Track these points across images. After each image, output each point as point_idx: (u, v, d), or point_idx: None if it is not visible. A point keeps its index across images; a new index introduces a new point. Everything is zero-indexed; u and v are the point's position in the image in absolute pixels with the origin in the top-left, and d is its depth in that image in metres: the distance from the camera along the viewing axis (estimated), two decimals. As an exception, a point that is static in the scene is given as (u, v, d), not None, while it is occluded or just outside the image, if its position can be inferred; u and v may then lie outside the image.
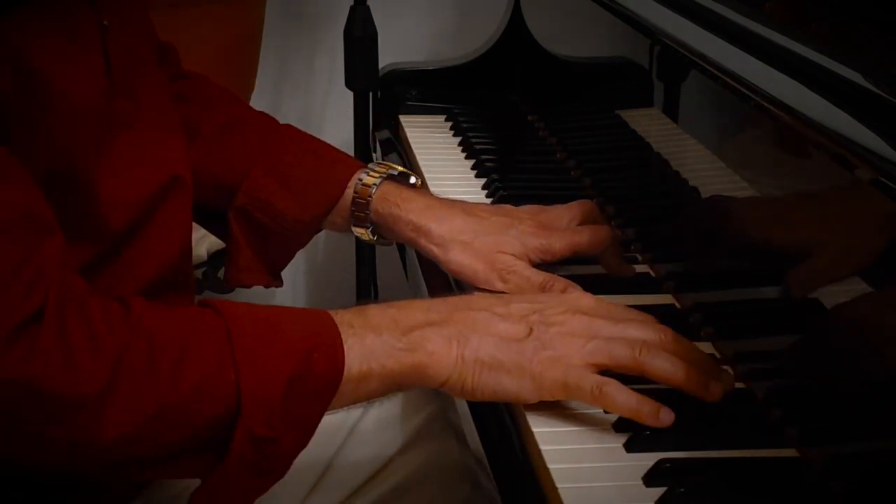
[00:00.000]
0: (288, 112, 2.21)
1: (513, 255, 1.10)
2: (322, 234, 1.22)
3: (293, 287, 2.34)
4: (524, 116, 1.64)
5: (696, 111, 1.15)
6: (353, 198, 1.17)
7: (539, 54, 1.62)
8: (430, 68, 1.72)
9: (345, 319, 0.90)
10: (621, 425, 0.90)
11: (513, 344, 0.91)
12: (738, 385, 0.96)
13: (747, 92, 0.94)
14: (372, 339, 0.89)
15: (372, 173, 1.18)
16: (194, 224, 1.12)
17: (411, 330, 0.90)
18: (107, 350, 0.82)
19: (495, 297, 0.96)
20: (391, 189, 1.16)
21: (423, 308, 0.93)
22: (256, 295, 2.29)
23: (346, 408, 0.92)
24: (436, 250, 1.12)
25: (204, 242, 1.77)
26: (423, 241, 1.13)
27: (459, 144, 1.55)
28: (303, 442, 0.88)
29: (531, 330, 0.92)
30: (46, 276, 0.82)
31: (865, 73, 0.84)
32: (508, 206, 1.19)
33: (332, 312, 0.90)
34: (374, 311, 0.91)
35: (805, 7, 1.04)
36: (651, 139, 1.24)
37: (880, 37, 0.92)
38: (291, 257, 1.23)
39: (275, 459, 0.87)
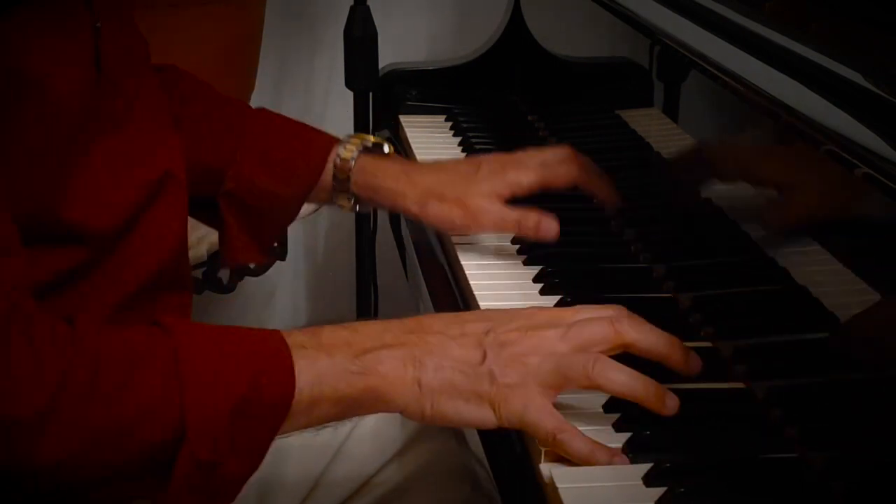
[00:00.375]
0: (288, 112, 2.19)
1: (482, 195, 1.18)
2: (322, 234, 1.23)
3: (293, 287, 2.34)
4: (524, 116, 1.64)
5: (696, 111, 1.15)
6: (334, 172, 1.23)
7: (539, 54, 1.62)
8: (430, 68, 1.72)
9: (297, 341, 0.88)
10: (621, 426, 0.90)
11: (468, 370, 0.89)
12: (738, 385, 0.96)
13: (747, 92, 0.94)
14: (324, 362, 0.87)
15: (348, 146, 1.23)
16: (194, 224, 1.12)
17: (365, 352, 0.88)
18: (49, 370, 0.80)
19: (450, 318, 0.94)
20: (368, 161, 1.22)
21: (377, 330, 0.91)
22: (255, 295, 2.30)
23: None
24: (414, 209, 1.20)
25: (204, 242, 1.77)
26: (401, 203, 1.21)
27: (459, 144, 1.55)
28: (251, 466, 0.85)
29: (485, 354, 0.89)
30: None
31: (865, 73, 0.84)
32: (481, 157, 1.26)
33: (285, 333, 0.88)
34: (328, 333, 0.89)
35: (805, 7, 1.04)
36: (651, 139, 1.24)
37: (880, 37, 0.92)
38: (281, 231, 1.29)
39: (221, 484, 0.84)
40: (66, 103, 0.90)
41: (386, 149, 1.25)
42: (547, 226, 1.17)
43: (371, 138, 1.25)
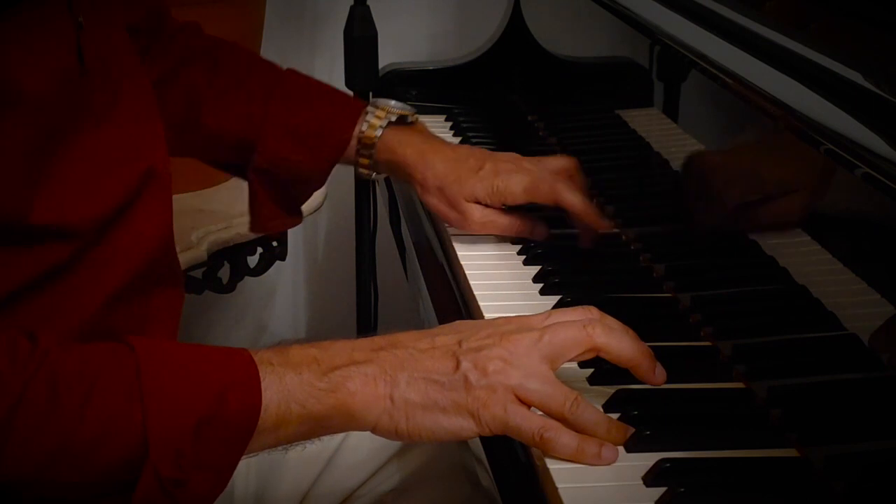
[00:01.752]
0: (288, 112, 2.21)
1: (476, 198, 1.22)
2: (322, 234, 1.24)
3: (293, 287, 2.34)
4: (524, 116, 1.64)
5: (696, 111, 1.15)
6: (358, 145, 1.26)
7: (539, 54, 1.62)
8: (430, 68, 1.72)
9: (264, 358, 0.86)
10: (621, 425, 0.90)
11: (443, 379, 0.87)
12: (738, 385, 0.96)
13: (747, 92, 0.94)
14: (291, 378, 0.85)
15: (374, 118, 1.26)
16: (194, 224, 1.12)
17: (333, 370, 0.87)
18: (6, 386, 0.79)
19: (420, 333, 0.93)
20: (392, 135, 1.26)
21: (346, 348, 0.89)
22: (255, 295, 2.29)
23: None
24: (419, 190, 1.25)
25: (204, 242, 1.76)
26: (411, 182, 1.26)
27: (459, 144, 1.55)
28: (217, 484, 0.84)
29: (458, 362, 0.88)
30: None
31: (865, 73, 0.84)
32: (493, 153, 1.28)
33: (252, 351, 0.87)
34: (296, 351, 0.88)
35: (805, 7, 1.04)
36: (651, 139, 1.24)
37: (880, 37, 0.92)
38: (308, 197, 1.34)
39: (187, 502, 0.82)
40: (42, 104, 0.89)
41: (410, 119, 1.29)
42: (538, 230, 1.22)
43: (396, 111, 1.27)
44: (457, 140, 1.56)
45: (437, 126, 1.63)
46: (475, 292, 1.13)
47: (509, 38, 1.68)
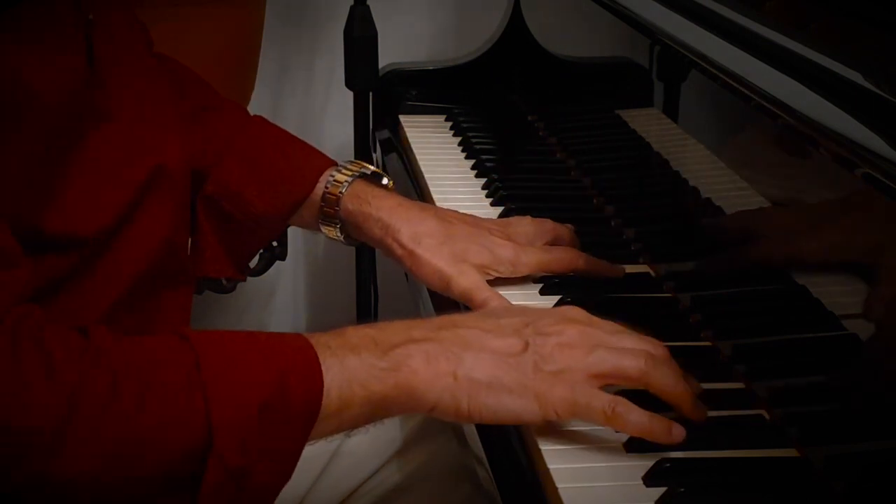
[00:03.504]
0: (288, 112, 2.21)
1: (481, 264, 1.09)
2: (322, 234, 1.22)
3: (293, 288, 2.34)
4: (524, 116, 1.64)
5: (696, 111, 1.15)
6: (324, 193, 1.15)
7: (539, 54, 1.62)
8: (430, 68, 1.72)
9: (321, 341, 0.85)
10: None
11: (510, 360, 0.86)
12: (738, 385, 0.96)
13: (747, 92, 0.94)
14: (351, 360, 0.84)
15: (344, 171, 1.16)
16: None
17: (393, 348, 0.85)
18: (63, 381, 0.77)
19: (482, 313, 0.91)
20: (363, 187, 1.15)
21: (404, 327, 0.88)
22: (255, 295, 2.29)
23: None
24: (400, 251, 1.11)
25: (204, 242, 1.76)
26: (389, 241, 1.11)
27: (459, 144, 1.55)
28: (283, 473, 0.82)
29: (527, 343, 0.87)
30: (0, 306, 0.78)
31: (865, 73, 0.84)
32: (476, 217, 1.17)
33: (308, 335, 0.85)
34: (352, 332, 0.86)
35: (805, 7, 1.04)
36: (651, 139, 1.24)
37: (880, 37, 0.92)
38: (256, 252, 1.21)
39: (253, 493, 0.81)
40: (52, 107, 0.88)
41: (385, 180, 1.19)
42: None
43: (371, 167, 1.18)
44: (457, 140, 1.57)
45: (437, 126, 1.63)
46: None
47: (509, 38, 1.68)
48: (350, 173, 1.15)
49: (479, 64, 1.70)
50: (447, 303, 1.15)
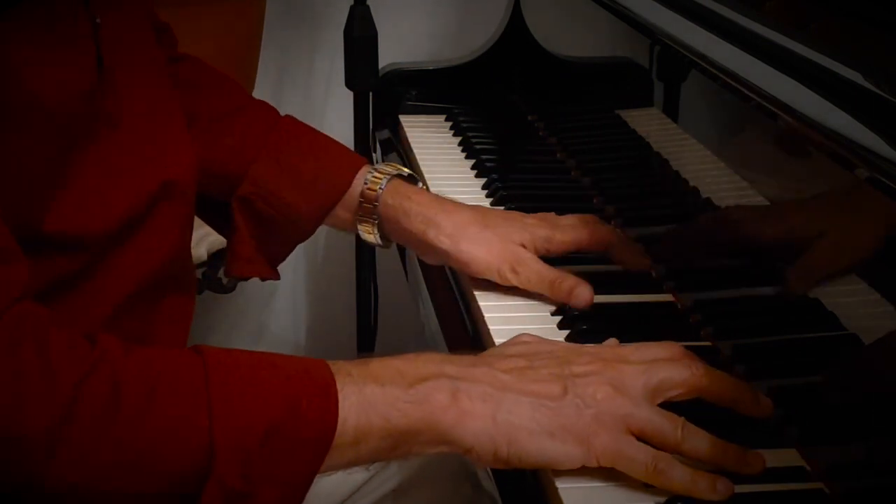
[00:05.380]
0: (288, 112, 2.20)
1: (521, 244, 1.09)
2: (322, 234, 1.22)
3: (293, 288, 2.34)
4: (524, 116, 1.64)
5: (696, 111, 1.15)
6: (363, 189, 1.15)
7: (539, 54, 1.62)
8: (430, 68, 1.72)
9: (342, 368, 0.81)
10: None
11: (550, 404, 0.82)
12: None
13: (747, 92, 0.94)
14: (372, 390, 0.80)
15: (382, 170, 1.16)
16: (195, 224, 1.11)
17: (420, 381, 0.81)
18: (62, 386, 0.74)
19: (510, 354, 0.88)
20: (400, 184, 1.16)
21: (435, 360, 0.84)
22: (255, 295, 2.29)
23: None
24: (446, 241, 1.10)
25: (204, 242, 1.77)
26: (432, 233, 1.11)
27: (459, 144, 1.55)
28: (289, 500, 0.79)
29: (566, 387, 0.83)
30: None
31: (865, 73, 0.84)
32: (508, 210, 1.19)
33: (330, 362, 0.82)
34: (377, 363, 0.83)
35: (805, 7, 1.04)
36: (651, 139, 1.24)
37: (880, 37, 0.92)
38: (292, 250, 1.21)
39: None
40: (58, 106, 0.87)
41: (419, 184, 1.19)
42: (580, 293, 1.06)
43: (406, 170, 1.18)
44: (457, 140, 1.57)
45: (437, 126, 1.63)
46: (475, 292, 1.12)
47: (509, 38, 1.68)
48: (387, 173, 1.16)
49: (479, 64, 1.70)
50: (448, 302, 1.15)
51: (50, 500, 0.75)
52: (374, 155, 1.69)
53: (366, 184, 1.15)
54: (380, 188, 1.14)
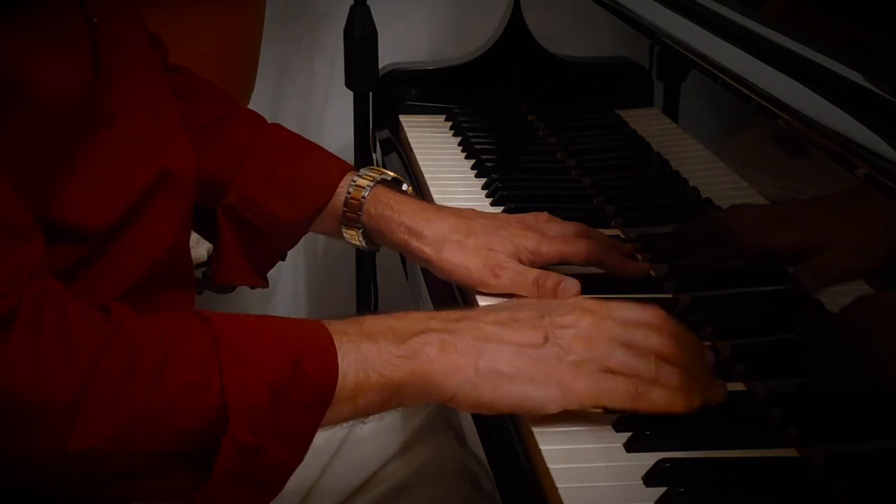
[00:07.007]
0: (288, 112, 2.21)
1: (504, 253, 1.10)
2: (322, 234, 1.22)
3: (293, 288, 2.34)
4: (524, 116, 1.64)
5: (696, 111, 1.15)
6: (346, 198, 1.16)
7: (539, 54, 1.62)
8: (430, 68, 1.72)
9: (338, 328, 0.87)
10: (621, 425, 0.90)
11: (531, 351, 0.87)
12: (738, 385, 0.96)
13: (747, 92, 0.94)
14: (368, 347, 0.86)
15: (365, 176, 1.17)
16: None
17: (410, 336, 0.87)
18: (81, 355, 0.78)
19: (496, 307, 0.93)
20: (384, 192, 1.16)
21: (422, 317, 0.89)
22: (255, 295, 2.29)
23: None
24: (428, 251, 1.11)
25: (204, 243, 1.76)
26: (414, 243, 1.12)
27: (459, 144, 1.55)
28: (296, 454, 0.84)
29: (546, 335, 0.88)
30: (19, 281, 0.79)
31: (865, 73, 0.84)
32: (495, 214, 1.19)
33: (326, 322, 0.88)
34: (370, 321, 0.89)
35: (805, 7, 1.04)
36: (651, 139, 1.24)
37: (880, 37, 0.92)
38: (279, 258, 1.22)
39: (267, 473, 0.83)
40: (56, 105, 0.88)
41: (405, 186, 1.20)
42: (567, 287, 1.07)
43: (391, 174, 1.19)
44: (457, 140, 1.57)
45: (437, 126, 1.63)
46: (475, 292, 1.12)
47: (509, 38, 1.68)
48: (371, 179, 1.17)
49: (479, 64, 1.70)
50: (448, 302, 1.15)
51: (73, 463, 0.79)
52: (374, 155, 1.70)
53: (349, 192, 1.16)
54: (363, 197, 1.15)
